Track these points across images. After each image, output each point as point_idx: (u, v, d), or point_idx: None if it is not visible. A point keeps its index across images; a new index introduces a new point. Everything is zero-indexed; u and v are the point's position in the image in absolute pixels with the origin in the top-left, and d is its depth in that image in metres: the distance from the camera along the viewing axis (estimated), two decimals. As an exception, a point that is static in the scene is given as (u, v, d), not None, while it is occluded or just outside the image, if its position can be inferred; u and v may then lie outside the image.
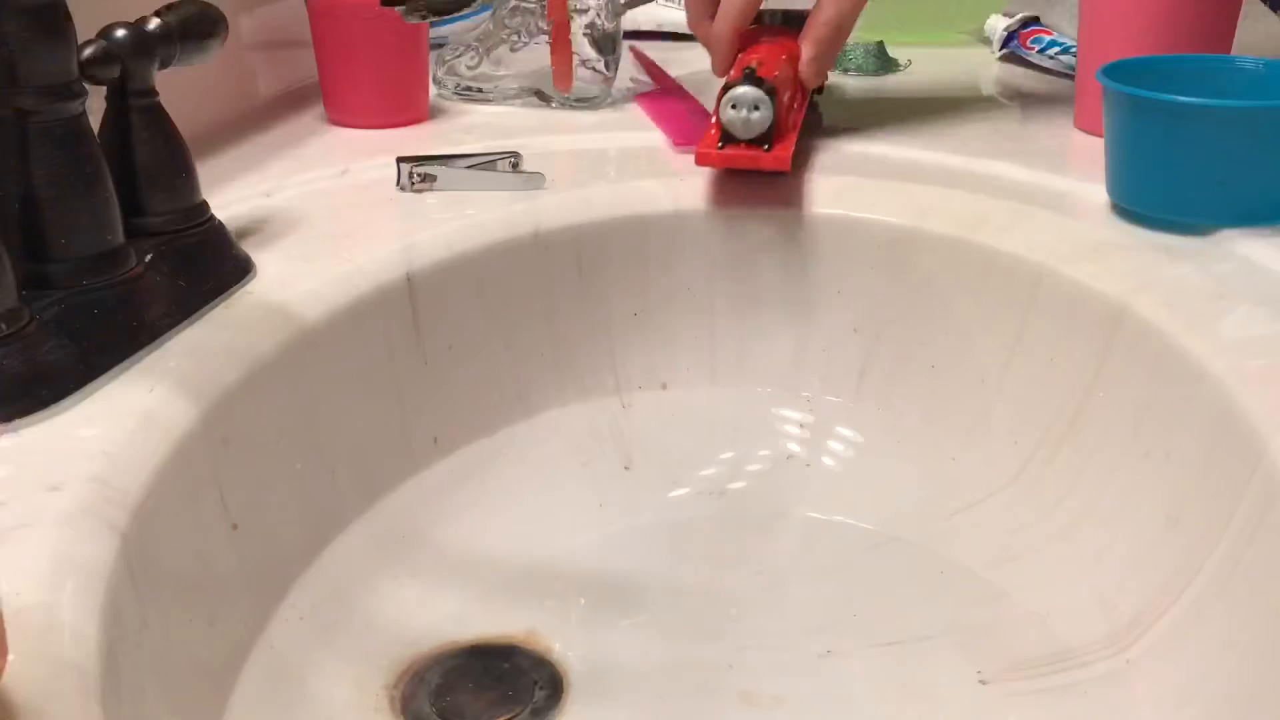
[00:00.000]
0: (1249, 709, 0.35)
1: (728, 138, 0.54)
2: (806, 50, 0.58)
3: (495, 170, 0.61)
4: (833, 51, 0.59)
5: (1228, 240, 0.51)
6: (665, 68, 0.85)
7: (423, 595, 0.46)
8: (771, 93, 0.53)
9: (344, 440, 0.49)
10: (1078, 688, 0.41)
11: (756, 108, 0.52)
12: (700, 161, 0.54)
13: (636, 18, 0.86)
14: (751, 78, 0.54)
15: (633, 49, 0.90)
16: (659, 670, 0.42)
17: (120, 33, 0.43)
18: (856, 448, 0.55)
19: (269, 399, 0.44)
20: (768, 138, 0.53)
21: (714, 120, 0.55)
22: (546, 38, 0.73)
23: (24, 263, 0.40)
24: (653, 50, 0.92)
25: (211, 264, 0.47)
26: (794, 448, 0.54)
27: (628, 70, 0.83)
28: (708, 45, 0.61)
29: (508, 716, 0.40)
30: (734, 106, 0.52)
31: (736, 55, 0.60)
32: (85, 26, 0.41)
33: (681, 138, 0.68)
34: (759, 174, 0.57)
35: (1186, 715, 0.38)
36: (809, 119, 0.64)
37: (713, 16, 0.60)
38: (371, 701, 0.40)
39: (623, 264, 0.59)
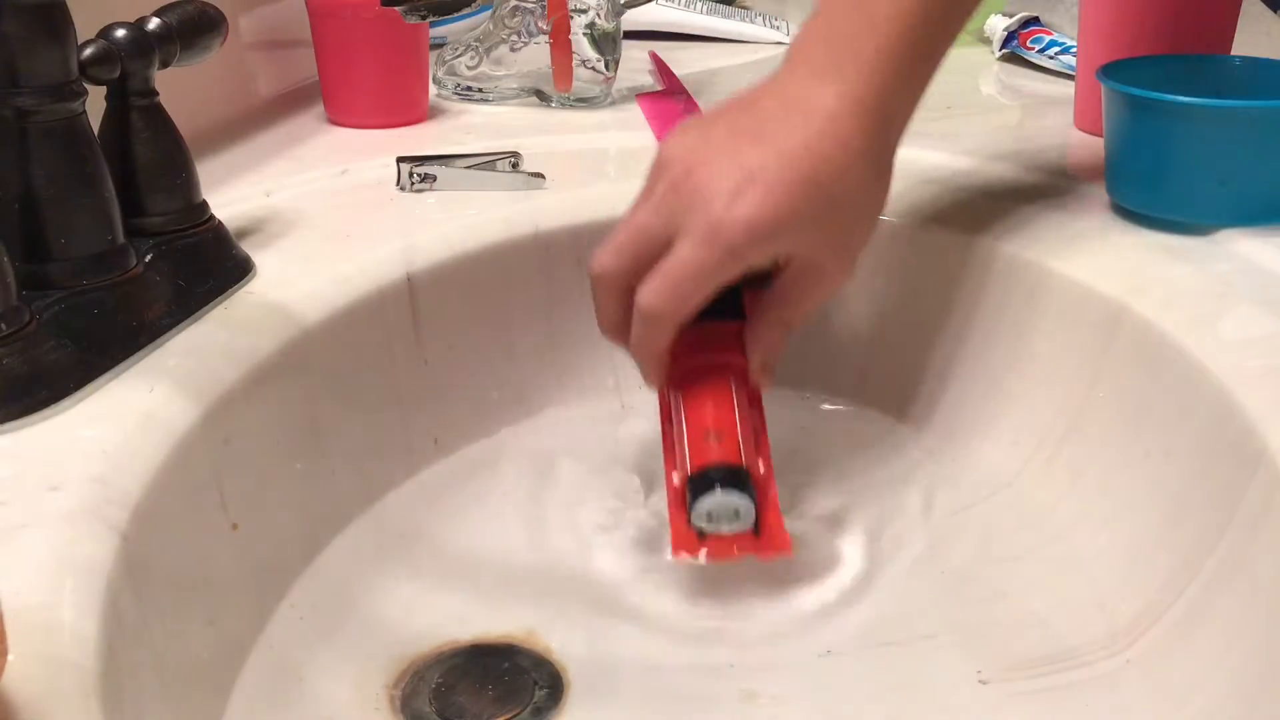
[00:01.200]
0: (1249, 709, 0.35)
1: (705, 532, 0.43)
2: (757, 357, 0.46)
3: (495, 170, 0.61)
4: (785, 348, 0.47)
5: (1228, 240, 0.51)
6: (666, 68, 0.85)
7: (423, 595, 0.46)
8: (748, 483, 0.43)
9: (344, 440, 0.49)
10: (1078, 687, 0.41)
11: (737, 512, 0.42)
12: (680, 561, 0.44)
13: (636, 18, 0.86)
14: (721, 478, 0.42)
15: (652, 53, 0.90)
16: (659, 669, 0.42)
17: (120, 33, 0.43)
18: (856, 447, 0.55)
19: (269, 399, 0.44)
20: (755, 523, 0.43)
21: (679, 509, 0.44)
22: (546, 38, 0.73)
23: (24, 263, 0.40)
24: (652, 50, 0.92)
25: (211, 264, 0.47)
26: (793, 447, 0.54)
27: (630, 70, 0.83)
28: (633, 357, 0.47)
29: (508, 716, 0.40)
30: (710, 519, 0.42)
31: (666, 369, 0.47)
32: (85, 26, 0.41)
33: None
34: None
35: (1186, 715, 0.38)
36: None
37: (627, 323, 0.46)
38: (371, 701, 0.40)
39: (623, 264, 0.59)
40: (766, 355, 0.47)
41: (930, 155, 0.64)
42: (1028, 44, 0.90)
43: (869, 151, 0.44)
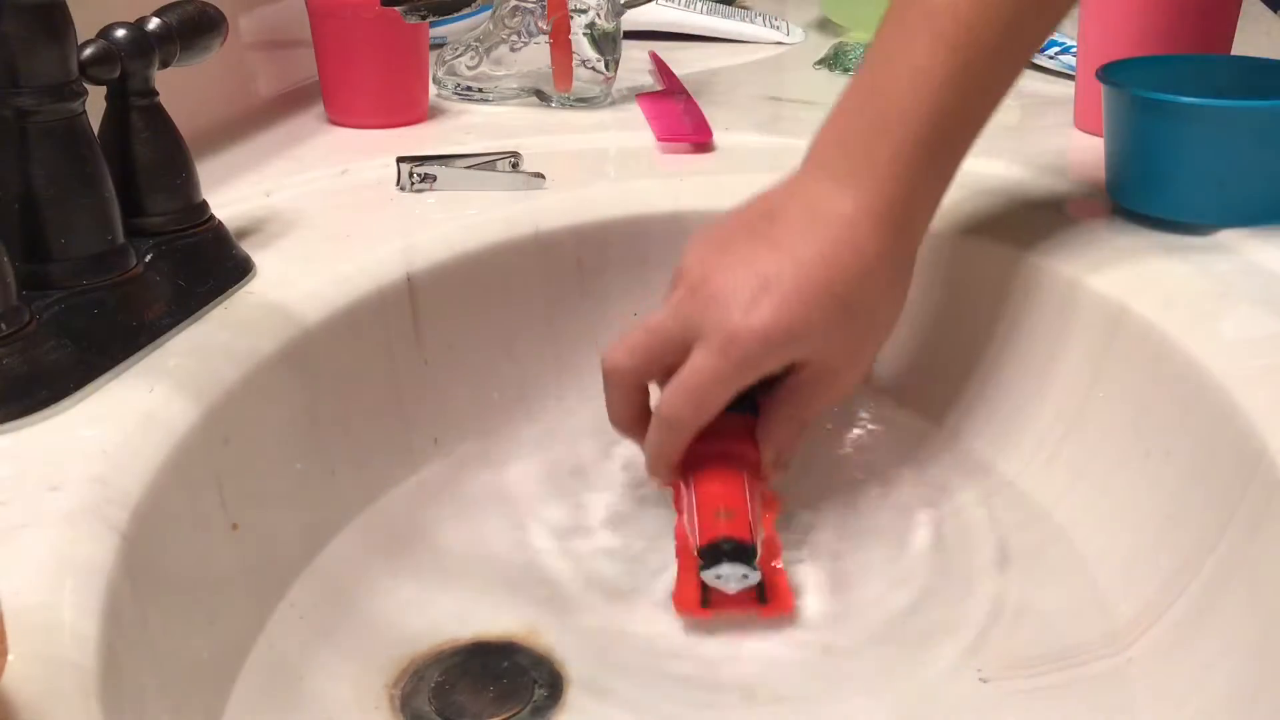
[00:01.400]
0: (1249, 708, 0.35)
1: (710, 590, 0.44)
2: (769, 453, 0.47)
3: (495, 170, 0.61)
4: (798, 444, 0.48)
5: (1228, 240, 0.51)
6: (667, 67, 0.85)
7: (422, 594, 0.46)
8: (755, 557, 0.43)
9: (344, 440, 0.49)
10: (1078, 686, 0.41)
11: (745, 577, 0.43)
12: (683, 615, 0.44)
13: (636, 18, 0.86)
14: (730, 552, 0.43)
15: (652, 53, 0.90)
16: (658, 668, 0.42)
17: (120, 33, 0.43)
18: (856, 447, 0.55)
19: (269, 399, 0.44)
20: (759, 588, 0.43)
21: (686, 570, 0.45)
22: (546, 38, 0.73)
23: (24, 263, 0.40)
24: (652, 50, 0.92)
25: (211, 264, 0.47)
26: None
27: (630, 70, 0.83)
28: (646, 456, 0.47)
29: (507, 715, 0.40)
30: (718, 578, 0.43)
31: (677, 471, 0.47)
32: (85, 26, 0.41)
33: (665, 133, 0.68)
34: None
35: (1186, 714, 0.38)
36: None
37: (641, 420, 0.47)
38: (371, 700, 0.40)
39: (623, 264, 0.59)
40: (779, 450, 0.47)
41: (930, 155, 0.64)
42: (1028, 44, 0.90)
43: (886, 257, 0.44)
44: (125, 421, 0.38)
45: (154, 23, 0.44)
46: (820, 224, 0.44)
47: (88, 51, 0.42)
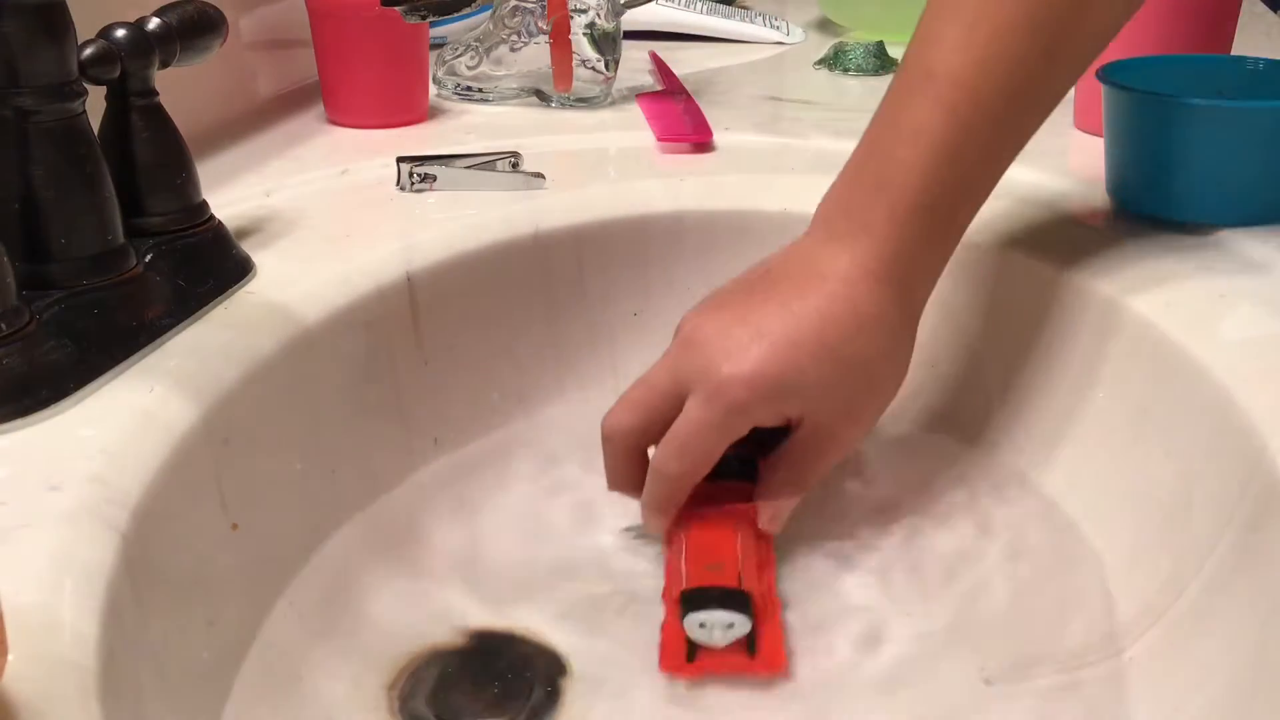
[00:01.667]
0: (1249, 708, 0.35)
1: (698, 645, 0.42)
2: (765, 514, 0.46)
3: (495, 170, 0.61)
4: (793, 506, 0.46)
5: (1228, 240, 0.51)
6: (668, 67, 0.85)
7: (422, 594, 0.46)
8: (746, 604, 0.41)
9: (344, 440, 0.49)
10: (1079, 686, 0.41)
11: (731, 624, 0.41)
12: (668, 672, 0.42)
13: (636, 18, 0.86)
14: (716, 597, 0.41)
15: (652, 53, 0.90)
16: (658, 669, 0.42)
17: (120, 33, 0.43)
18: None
19: (269, 399, 0.44)
20: (750, 639, 0.41)
21: (672, 625, 0.43)
22: (546, 38, 0.73)
23: (24, 263, 0.40)
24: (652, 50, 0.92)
25: (211, 264, 0.47)
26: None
27: (630, 70, 0.83)
28: (642, 511, 0.47)
29: (506, 715, 0.40)
30: (702, 626, 0.41)
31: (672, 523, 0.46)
32: (85, 26, 0.41)
33: (665, 133, 0.68)
34: None
35: (1186, 714, 0.38)
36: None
37: (638, 482, 0.46)
38: (370, 700, 0.40)
39: (623, 264, 0.59)
40: (775, 513, 0.46)
41: (930, 155, 0.64)
42: (1028, 44, 0.90)
43: (884, 318, 0.44)
44: (125, 421, 0.38)
45: (154, 23, 0.44)
46: (816, 280, 0.43)
47: (88, 51, 0.42)
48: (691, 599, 0.42)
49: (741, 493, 0.47)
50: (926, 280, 0.45)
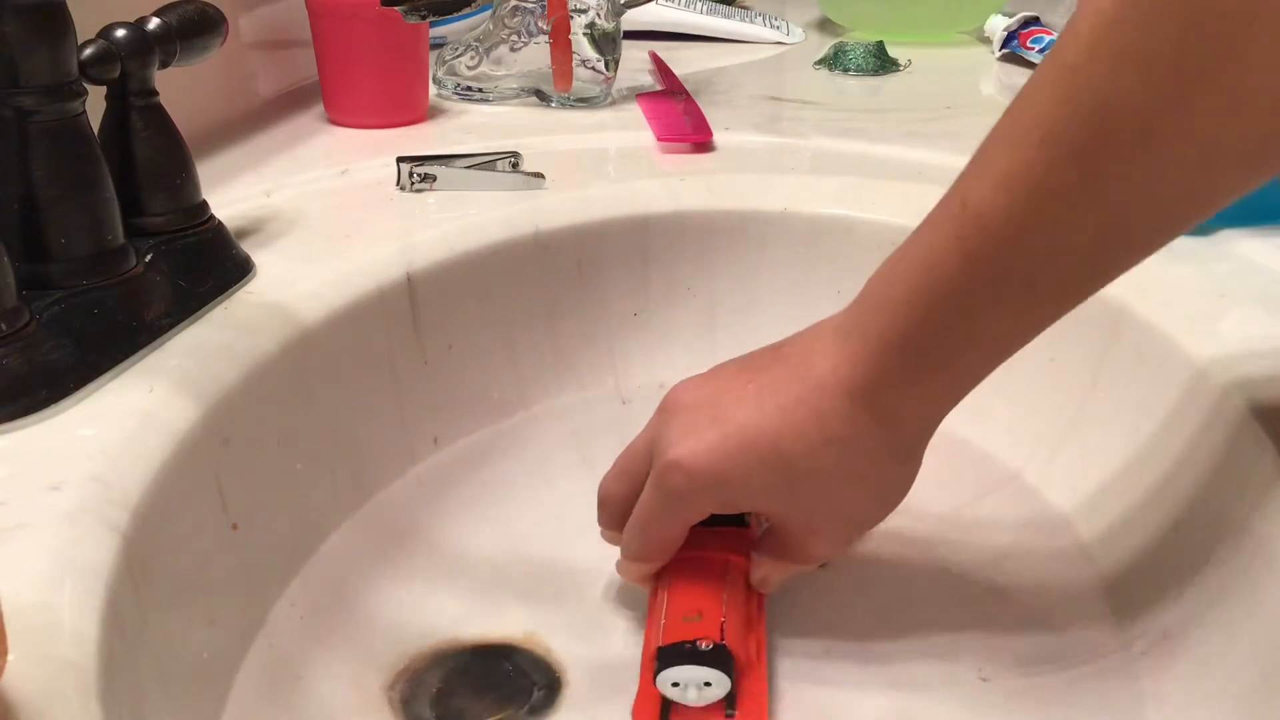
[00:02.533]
0: (1249, 708, 0.35)
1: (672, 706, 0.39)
2: (757, 571, 0.43)
3: (495, 170, 0.61)
4: (788, 575, 0.43)
5: (1228, 240, 0.51)
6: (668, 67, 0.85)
7: (422, 594, 0.46)
8: (727, 661, 0.38)
9: (344, 439, 0.49)
10: (1079, 686, 0.41)
11: (708, 683, 0.38)
12: None
13: (636, 18, 0.86)
14: (693, 652, 0.38)
15: (652, 53, 0.90)
16: None
17: (120, 33, 0.43)
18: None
19: (269, 399, 0.44)
20: (730, 699, 0.39)
21: (646, 681, 0.39)
22: (546, 38, 0.73)
23: (24, 263, 0.40)
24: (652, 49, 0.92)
25: (211, 264, 0.47)
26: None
27: (630, 70, 0.83)
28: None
29: (506, 715, 0.40)
30: (676, 684, 0.38)
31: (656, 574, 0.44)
32: (85, 26, 0.41)
33: (665, 133, 0.68)
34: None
35: (1186, 714, 0.38)
36: None
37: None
38: (370, 699, 0.40)
39: (623, 264, 0.59)
40: (765, 575, 0.43)
41: (930, 155, 0.64)
42: (1028, 44, 0.90)
43: (855, 441, 0.39)
44: (125, 421, 0.38)
45: (154, 23, 0.44)
46: (797, 379, 0.39)
47: (88, 51, 0.42)
48: (666, 654, 0.39)
49: (741, 540, 0.44)
50: (920, 415, 0.39)
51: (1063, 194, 0.33)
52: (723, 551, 0.43)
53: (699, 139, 0.67)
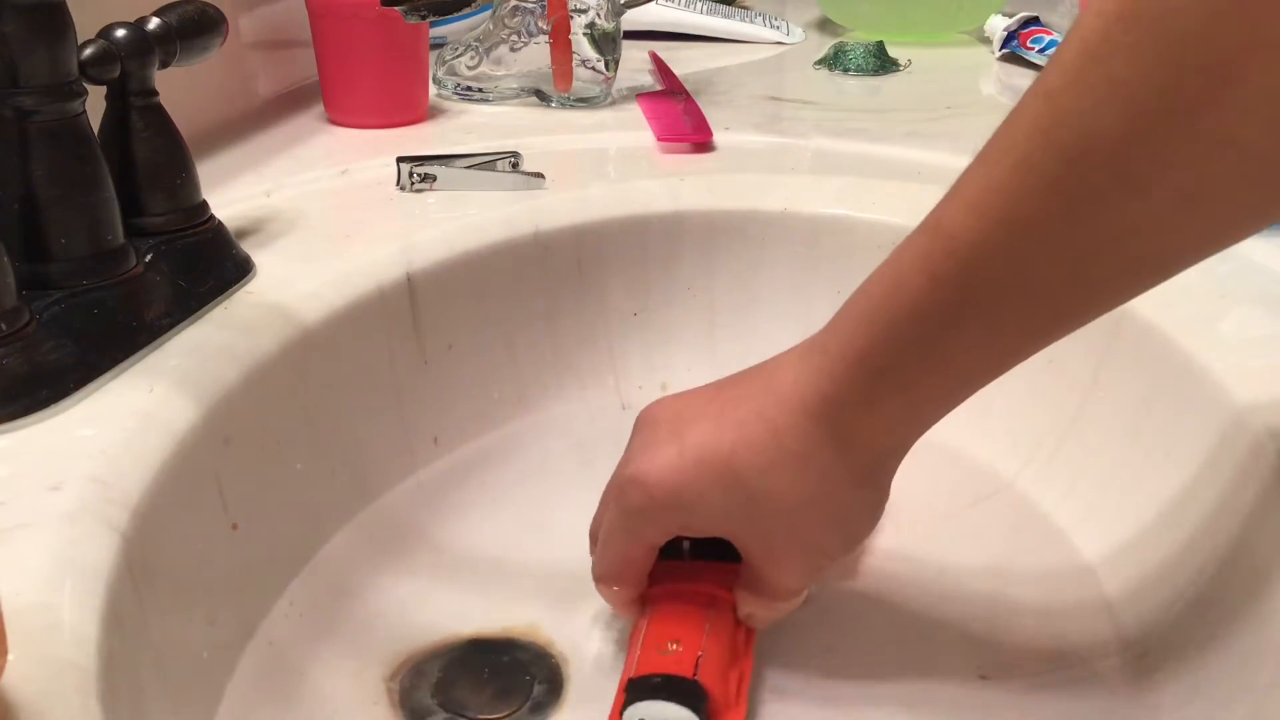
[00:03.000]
0: (1249, 707, 0.35)
1: None
2: (742, 606, 0.41)
3: (495, 170, 0.61)
4: (778, 613, 0.41)
5: (1228, 240, 0.51)
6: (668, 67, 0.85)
7: (422, 593, 0.46)
8: (698, 698, 0.36)
9: (344, 440, 0.49)
10: (1078, 686, 0.41)
11: None
12: None
13: (636, 18, 0.86)
14: (661, 687, 0.37)
15: (652, 53, 0.90)
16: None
17: (120, 33, 0.43)
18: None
19: (269, 399, 0.44)
20: None
21: (614, 715, 0.37)
22: (546, 38, 0.73)
23: (24, 263, 0.40)
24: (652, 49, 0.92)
25: (211, 264, 0.47)
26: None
27: (630, 70, 0.83)
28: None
29: (507, 712, 0.40)
30: None
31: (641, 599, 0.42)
32: (85, 26, 0.41)
33: (665, 133, 0.68)
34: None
35: (1186, 714, 0.38)
36: None
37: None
38: (370, 698, 0.40)
39: (623, 264, 0.59)
40: (751, 610, 0.41)
41: (930, 155, 0.64)
42: (1028, 44, 0.90)
43: (812, 460, 0.37)
44: (125, 421, 0.38)
45: (154, 23, 0.44)
46: (758, 394, 0.38)
47: (88, 51, 0.42)
48: (634, 688, 0.37)
49: (725, 571, 0.41)
50: (878, 439, 0.37)
51: (1032, 225, 0.31)
52: (712, 584, 0.41)
53: (699, 139, 0.67)
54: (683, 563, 0.42)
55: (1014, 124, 0.31)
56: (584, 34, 0.73)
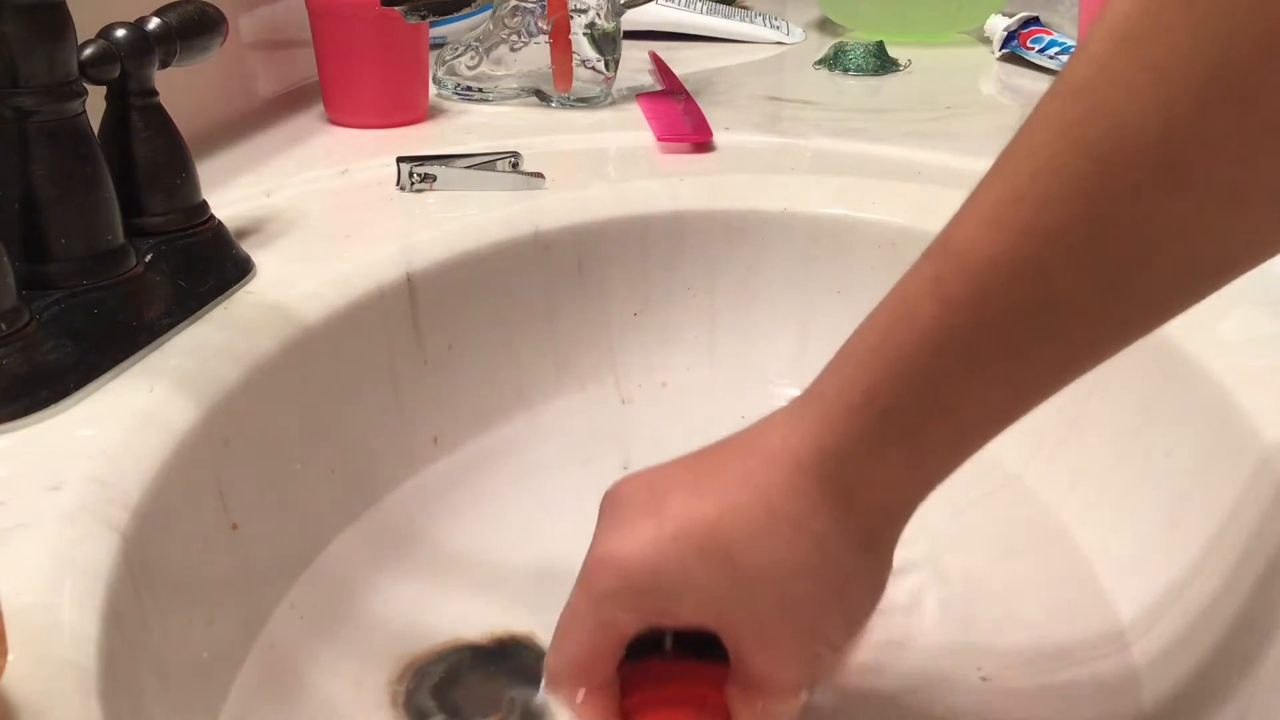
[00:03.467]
0: (1248, 708, 0.35)
1: None
2: (739, 710, 0.35)
3: (495, 170, 0.61)
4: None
5: (1228, 240, 0.51)
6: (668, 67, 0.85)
7: (423, 594, 0.46)
8: None
9: (344, 440, 0.49)
10: (1078, 685, 0.41)
11: None
12: None
13: (636, 18, 0.86)
14: None
15: (652, 53, 0.90)
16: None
17: (120, 33, 0.43)
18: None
19: (269, 399, 0.44)
20: None
21: None
22: (546, 38, 0.73)
23: (24, 263, 0.40)
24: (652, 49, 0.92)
25: (211, 264, 0.47)
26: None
27: (630, 70, 0.83)
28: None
29: (507, 714, 0.40)
30: None
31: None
32: (85, 26, 0.41)
33: (665, 133, 0.68)
34: None
35: (1190, 712, 0.38)
36: None
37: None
38: (371, 700, 0.40)
39: (623, 264, 0.59)
40: (738, 714, 0.35)
41: (930, 155, 0.64)
42: (1028, 44, 0.90)
43: (807, 524, 0.32)
44: (125, 421, 0.38)
45: (154, 23, 0.44)
46: (743, 454, 0.34)
47: (88, 51, 0.42)
48: None
49: (716, 674, 0.36)
50: (879, 497, 0.33)
51: (1058, 234, 0.28)
52: (701, 685, 0.36)
53: (699, 139, 0.67)
54: (664, 662, 0.36)
55: (1032, 130, 0.28)
56: (584, 34, 0.73)
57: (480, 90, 0.77)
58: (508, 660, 0.42)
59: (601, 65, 0.74)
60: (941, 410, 0.31)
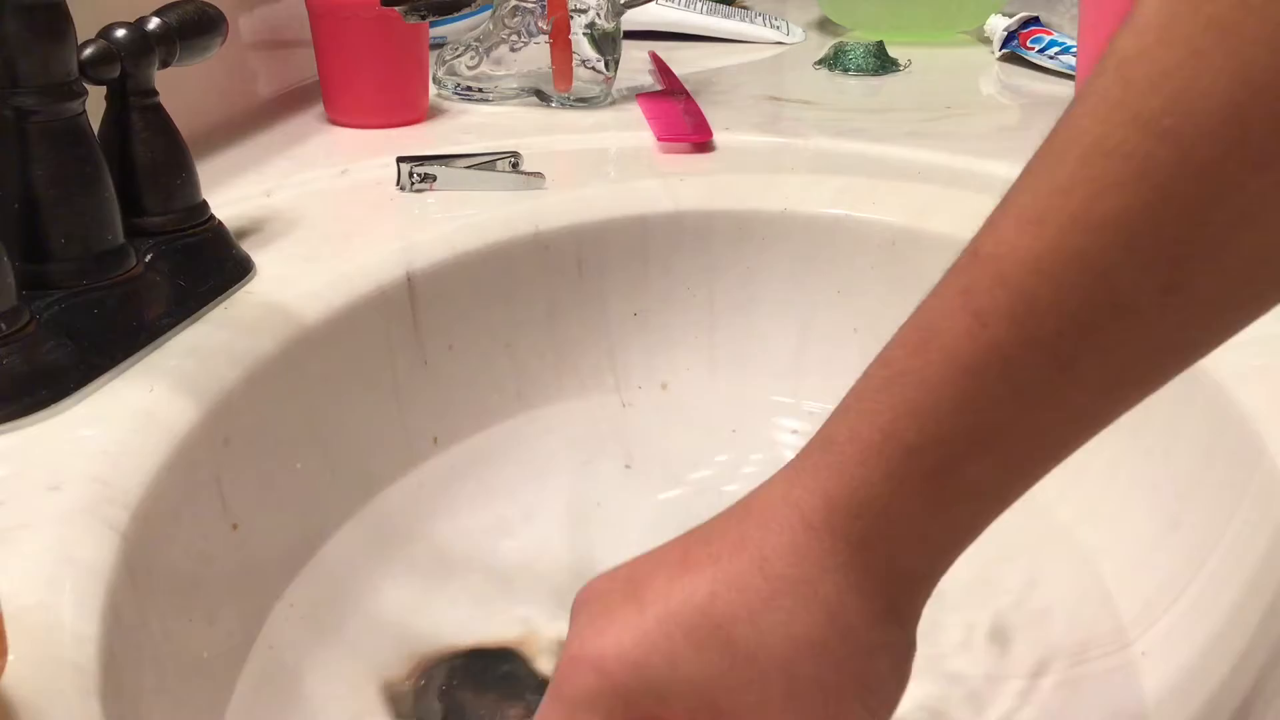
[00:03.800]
0: (1248, 707, 0.35)
1: None
2: None
3: (495, 170, 0.61)
4: None
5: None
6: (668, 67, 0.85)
7: (422, 594, 0.46)
8: None
9: (344, 439, 0.49)
10: (1078, 685, 0.41)
11: None
12: None
13: (636, 18, 0.86)
14: None
15: (652, 53, 0.90)
16: None
17: (120, 33, 0.43)
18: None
19: (269, 399, 0.44)
20: None
21: None
22: (546, 38, 0.73)
23: (24, 263, 0.40)
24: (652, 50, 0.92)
25: (211, 264, 0.47)
26: (793, 448, 0.54)
27: (630, 70, 0.83)
28: None
29: (507, 714, 0.40)
30: None
31: None
32: (85, 26, 0.41)
33: (664, 133, 0.68)
34: None
35: (1190, 711, 0.38)
36: None
37: None
38: (370, 699, 0.40)
39: (623, 264, 0.59)
40: None
41: (930, 155, 0.64)
42: (1028, 44, 0.90)
43: (811, 586, 0.27)
44: (125, 421, 0.38)
45: (154, 23, 0.44)
46: (736, 524, 0.29)
47: (88, 51, 0.42)
48: None
49: None
50: (911, 555, 0.28)
51: (1114, 225, 0.23)
52: None
53: (699, 139, 0.67)
54: None
55: (1075, 116, 0.24)
56: (584, 34, 0.73)
57: (480, 90, 0.77)
58: (507, 661, 0.42)
59: (601, 65, 0.74)
60: (978, 445, 0.26)
